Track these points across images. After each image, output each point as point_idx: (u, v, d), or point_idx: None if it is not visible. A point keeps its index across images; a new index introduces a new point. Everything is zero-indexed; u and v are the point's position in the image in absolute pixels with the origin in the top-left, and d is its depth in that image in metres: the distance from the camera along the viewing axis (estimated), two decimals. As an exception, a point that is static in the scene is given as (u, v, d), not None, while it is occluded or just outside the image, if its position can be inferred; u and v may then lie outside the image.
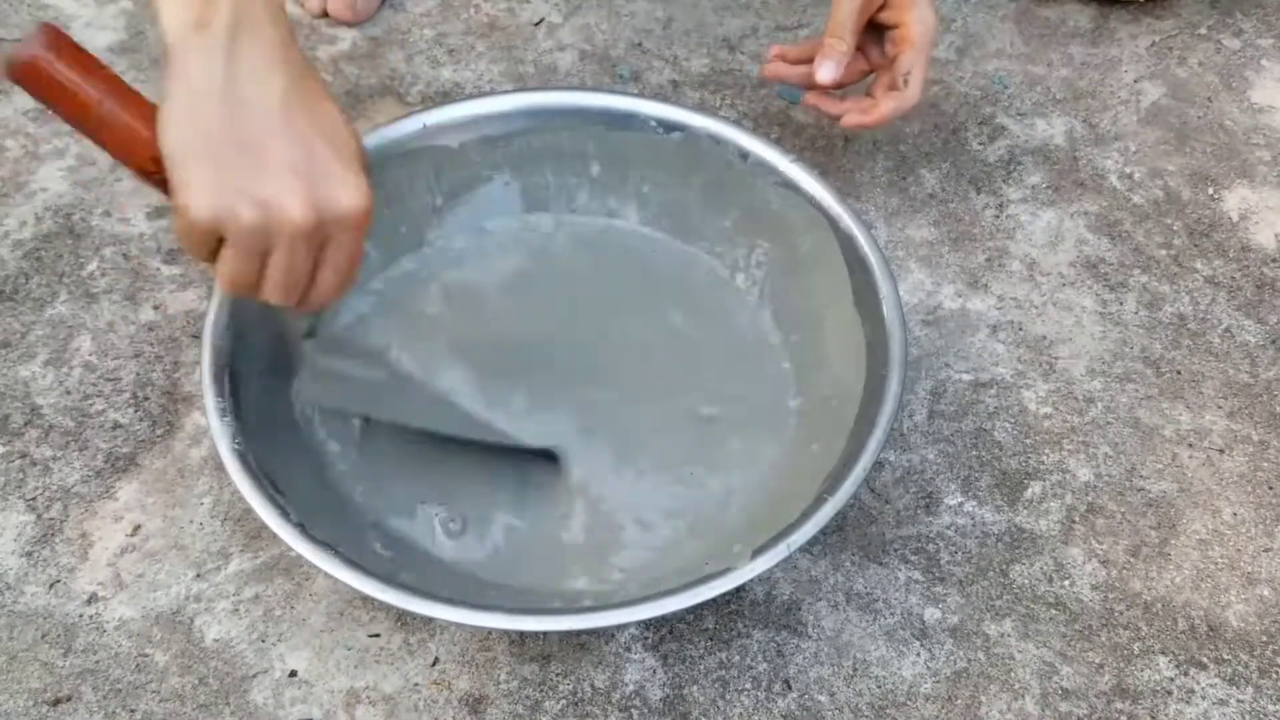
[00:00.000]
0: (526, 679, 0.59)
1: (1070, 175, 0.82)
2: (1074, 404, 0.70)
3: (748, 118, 0.84)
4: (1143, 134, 0.85)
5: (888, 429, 0.57)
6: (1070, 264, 0.77)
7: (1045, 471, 0.68)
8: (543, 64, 0.87)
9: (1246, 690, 0.61)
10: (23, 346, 0.70)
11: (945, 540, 0.65)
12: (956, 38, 0.90)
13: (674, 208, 0.72)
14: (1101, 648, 0.62)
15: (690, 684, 0.60)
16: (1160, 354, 0.73)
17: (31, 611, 0.61)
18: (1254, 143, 0.84)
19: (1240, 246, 0.79)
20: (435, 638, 0.61)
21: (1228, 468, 0.68)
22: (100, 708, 0.58)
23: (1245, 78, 0.89)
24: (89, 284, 0.73)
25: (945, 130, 0.84)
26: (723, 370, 0.67)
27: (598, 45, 0.88)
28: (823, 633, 0.61)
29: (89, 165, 0.79)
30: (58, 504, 0.64)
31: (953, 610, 0.62)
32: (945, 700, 0.60)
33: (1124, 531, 0.66)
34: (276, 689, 0.59)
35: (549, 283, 0.71)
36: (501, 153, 0.70)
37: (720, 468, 0.64)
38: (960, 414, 0.70)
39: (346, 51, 0.87)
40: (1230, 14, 0.93)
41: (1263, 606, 0.63)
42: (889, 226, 0.78)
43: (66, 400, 0.68)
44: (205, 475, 0.65)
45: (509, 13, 0.90)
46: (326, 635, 0.60)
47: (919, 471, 0.67)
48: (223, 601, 0.61)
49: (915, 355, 0.72)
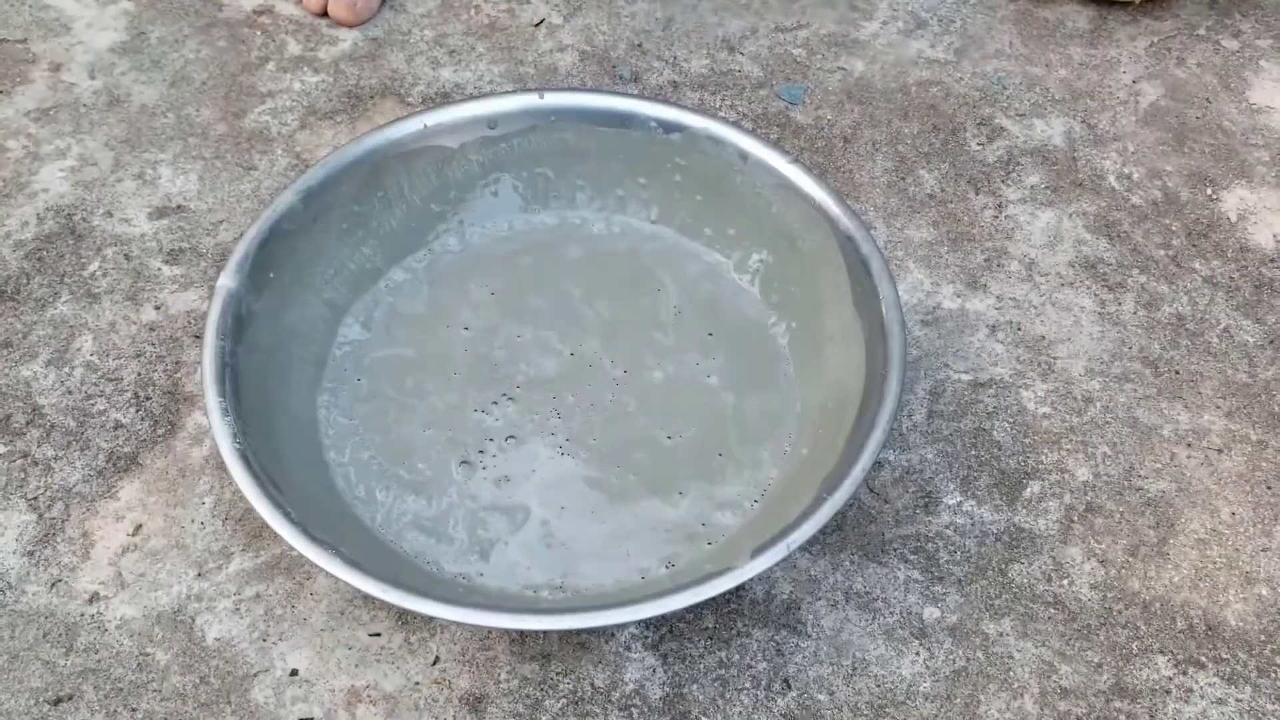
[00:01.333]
0: (527, 678, 0.60)
1: (1069, 176, 0.82)
2: (1072, 404, 0.71)
3: (747, 118, 0.84)
4: (1141, 134, 0.85)
5: (887, 429, 0.57)
6: (1069, 264, 0.77)
7: (1044, 471, 0.68)
8: (543, 65, 0.87)
9: (1245, 689, 0.61)
10: (24, 346, 0.70)
11: (944, 540, 0.65)
12: (955, 38, 0.90)
13: (674, 208, 0.72)
14: (1100, 647, 0.62)
15: (690, 683, 0.60)
16: (1159, 354, 0.73)
17: (33, 611, 0.61)
18: (1252, 143, 0.85)
19: (1239, 247, 0.79)
20: (436, 637, 0.61)
21: (1226, 467, 0.69)
22: (101, 707, 0.58)
23: (1244, 78, 0.89)
24: (90, 284, 0.73)
25: (944, 131, 0.84)
26: (722, 369, 0.68)
27: (598, 46, 0.88)
28: (822, 632, 0.62)
29: (90, 166, 0.79)
30: (59, 503, 0.64)
31: (952, 609, 0.63)
32: (944, 699, 0.60)
33: (1122, 531, 0.66)
34: (277, 688, 0.59)
35: (549, 282, 0.71)
36: (502, 153, 0.70)
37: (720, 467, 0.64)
38: (959, 414, 0.70)
39: (347, 52, 0.87)
40: (1229, 15, 0.93)
41: (1261, 606, 0.64)
42: (888, 227, 0.78)
43: (68, 400, 0.68)
44: (206, 475, 0.66)
45: (509, 14, 0.90)
46: (327, 634, 0.61)
47: (918, 471, 0.67)
48: (224, 601, 0.61)
49: (914, 355, 0.72)
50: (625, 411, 0.66)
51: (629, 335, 0.69)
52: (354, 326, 0.68)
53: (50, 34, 0.87)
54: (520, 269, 0.71)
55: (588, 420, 0.65)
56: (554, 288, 0.71)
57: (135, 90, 0.84)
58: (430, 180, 0.70)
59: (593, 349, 0.68)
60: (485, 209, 0.72)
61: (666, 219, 0.72)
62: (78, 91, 0.84)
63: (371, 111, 0.83)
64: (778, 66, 0.88)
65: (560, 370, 0.67)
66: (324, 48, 0.87)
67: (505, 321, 0.69)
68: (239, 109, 0.83)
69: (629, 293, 0.70)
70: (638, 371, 0.67)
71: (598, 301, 0.70)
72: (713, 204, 0.71)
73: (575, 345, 0.68)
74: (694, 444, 0.65)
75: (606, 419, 0.66)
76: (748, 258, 0.71)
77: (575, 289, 0.71)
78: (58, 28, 0.88)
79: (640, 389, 0.67)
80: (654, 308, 0.70)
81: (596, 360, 0.68)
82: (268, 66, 0.86)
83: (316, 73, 0.86)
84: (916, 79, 0.87)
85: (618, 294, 0.70)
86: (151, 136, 0.81)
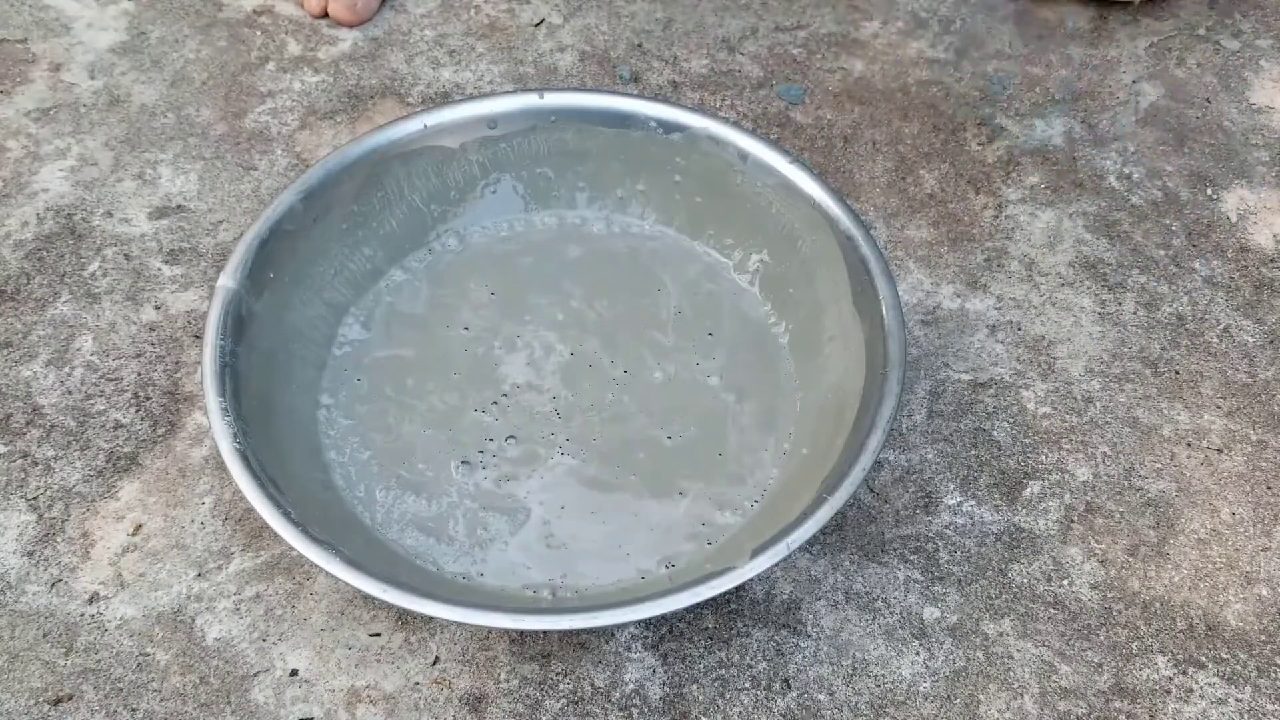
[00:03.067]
0: (527, 678, 0.60)
1: (1069, 176, 0.82)
2: (1072, 404, 0.71)
3: (747, 118, 0.84)
4: (1141, 135, 0.85)
5: (887, 429, 0.58)
6: (1069, 264, 0.77)
7: (1044, 471, 0.68)
8: (543, 65, 0.87)
9: (1245, 689, 0.61)
10: (24, 346, 0.70)
11: (944, 539, 0.65)
12: (955, 38, 0.90)
13: (674, 209, 0.72)
14: (1100, 647, 0.62)
15: (690, 683, 0.60)
16: (1159, 354, 0.73)
17: (33, 611, 0.61)
18: (1252, 143, 0.85)
19: (1239, 247, 0.79)
20: (435, 637, 0.61)
21: (1226, 467, 0.69)
22: (101, 707, 0.58)
23: (1244, 78, 0.89)
24: (90, 284, 0.73)
25: (944, 131, 0.84)
26: (722, 369, 0.68)
27: (598, 46, 0.88)
28: (822, 632, 0.62)
29: (90, 166, 0.79)
30: (59, 503, 0.64)
31: (951, 609, 0.63)
32: (944, 699, 0.60)
33: (1122, 531, 0.66)
34: (277, 688, 0.59)
35: (549, 282, 0.71)
36: (502, 153, 0.70)
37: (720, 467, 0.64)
38: (959, 414, 0.70)
39: (347, 52, 0.87)
40: (1229, 15, 0.93)
41: (1261, 606, 0.64)
42: (888, 227, 0.78)
43: (68, 400, 0.68)
44: (206, 475, 0.66)
45: (509, 14, 0.90)
46: (327, 634, 0.61)
47: (918, 471, 0.67)
48: (224, 601, 0.61)
49: (914, 355, 0.72)
50: (625, 411, 0.66)
51: (629, 335, 0.69)
52: (354, 326, 0.68)
53: (50, 34, 0.87)
54: (520, 269, 0.71)
55: (588, 420, 0.65)
56: (554, 288, 0.71)
57: (135, 90, 0.84)
58: (430, 180, 0.70)
59: (593, 349, 0.68)
60: (485, 209, 0.72)
61: (667, 219, 0.72)
62: (78, 91, 0.84)
63: (371, 111, 0.83)
64: (777, 66, 0.88)
65: (560, 370, 0.67)
66: (324, 48, 0.87)
67: (505, 321, 0.69)
68: (239, 109, 0.83)
69: (629, 293, 0.70)
70: (638, 371, 0.67)
71: (598, 301, 0.70)
72: (713, 204, 0.71)
73: (575, 345, 0.68)
74: (694, 444, 0.65)
75: (606, 419, 0.66)
76: (748, 258, 0.71)
77: (575, 289, 0.71)
78: (58, 28, 0.88)
79: (640, 389, 0.67)
80: (654, 308, 0.70)
81: (596, 360, 0.68)
82: (268, 66, 0.86)
83: (317, 73, 0.86)
84: (916, 79, 0.87)
85: (618, 294, 0.70)
86: (151, 136, 0.81)
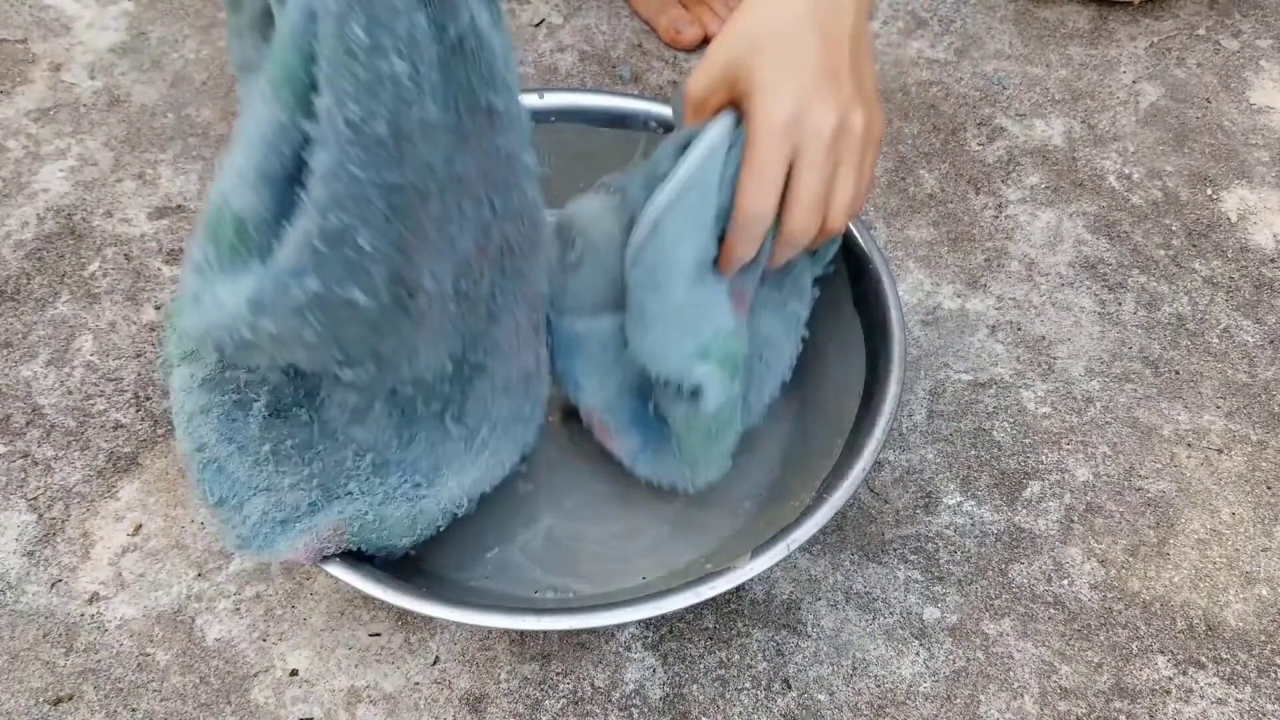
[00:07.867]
0: (527, 678, 0.60)
1: (1069, 176, 0.82)
2: (1072, 404, 0.71)
3: (747, 118, 0.84)
4: (1141, 135, 0.85)
5: (887, 429, 0.57)
6: (1069, 264, 0.77)
7: (1044, 471, 0.68)
8: (543, 65, 0.87)
9: (1245, 689, 0.61)
10: (24, 346, 0.70)
11: (944, 540, 0.65)
12: (955, 38, 0.90)
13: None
14: (1100, 647, 0.62)
15: (690, 683, 0.60)
16: (1159, 354, 0.73)
17: (33, 611, 0.61)
18: (1252, 143, 0.85)
19: (1239, 247, 0.79)
20: (435, 637, 0.61)
21: (1226, 467, 0.69)
22: (101, 707, 0.58)
23: (1244, 78, 0.89)
24: (90, 284, 0.73)
25: (944, 131, 0.84)
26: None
27: (598, 46, 0.88)
28: (822, 632, 0.62)
29: (90, 166, 0.79)
30: (59, 504, 0.64)
31: (951, 609, 0.63)
32: (944, 699, 0.60)
33: (1122, 531, 0.66)
34: (277, 688, 0.59)
35: (549, 283, 0.71)
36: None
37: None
38: (959, 414, 0.70)
39: (347, 52, 0.87)
40: (1229, 15, 0.93)
41: (1261, 606, 0.64)
42: (888, 227, 0.78)
43: (68, 400, 0.68)
44: (206, 475, 0.66)
45: (509, 14, 0.90)
46: (327, 634, 0.61)
47: (918, 471, 0.67)
48: (224, 601, 0.61)
49: (914, 355, 0.72)
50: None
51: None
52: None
53: (50, 34, 0.87)
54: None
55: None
56: (554, 287, 0.70)
57: (135, 90, 0.84)
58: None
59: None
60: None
61: (666, 219, 0.72)
62: (78, 91, 0.84)
63: (371, 111, 0.83)
64: (778, 66, 0.87)
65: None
66: (324, 48, 0.87)
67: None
68: (239, 109, 0.83)
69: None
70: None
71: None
72: (713, 204, 0.71)
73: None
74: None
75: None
76: (748, 258, 0.70)
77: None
78: (58, 28, 0.88)
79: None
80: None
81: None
82: (268, 66, 0.86)
83: (316, 73, 0.86)
84: (916, 79, 0.87)
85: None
86: (151, 136, 0.81)
